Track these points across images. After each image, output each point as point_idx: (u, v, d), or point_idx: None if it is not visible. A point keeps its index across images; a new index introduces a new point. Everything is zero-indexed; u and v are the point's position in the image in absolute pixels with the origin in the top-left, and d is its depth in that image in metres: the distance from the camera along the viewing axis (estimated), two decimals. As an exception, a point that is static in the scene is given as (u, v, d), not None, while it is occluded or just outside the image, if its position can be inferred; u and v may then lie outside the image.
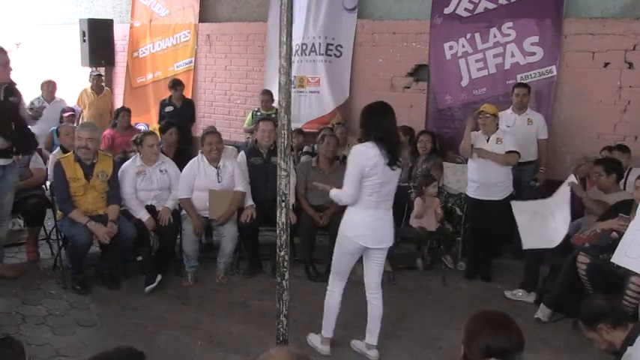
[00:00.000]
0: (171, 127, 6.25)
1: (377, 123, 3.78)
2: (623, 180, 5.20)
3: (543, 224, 4.90)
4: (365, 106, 3.96)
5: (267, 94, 7.73)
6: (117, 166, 5.24)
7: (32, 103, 7.86)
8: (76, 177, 4.95)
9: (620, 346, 2.92)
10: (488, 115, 5.30)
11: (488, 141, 5.36)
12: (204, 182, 5.38)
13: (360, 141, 3.87)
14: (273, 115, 6.90)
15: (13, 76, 5.02)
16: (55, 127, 7.19)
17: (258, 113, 7.68)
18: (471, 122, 5.38)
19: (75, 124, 7.18)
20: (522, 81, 6.37)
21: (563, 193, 4.92)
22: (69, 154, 5.12)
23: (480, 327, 2.13)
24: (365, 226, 3.85)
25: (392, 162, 3.74)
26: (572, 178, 4.98)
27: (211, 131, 5.62)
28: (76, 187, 4.95)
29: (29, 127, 5.17)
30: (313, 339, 4.17)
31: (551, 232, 4.81)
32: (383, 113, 3.84)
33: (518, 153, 5.38)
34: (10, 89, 4.88)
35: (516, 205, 5.16)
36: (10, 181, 5.00)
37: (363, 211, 3.82)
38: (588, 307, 3.11)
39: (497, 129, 5.40)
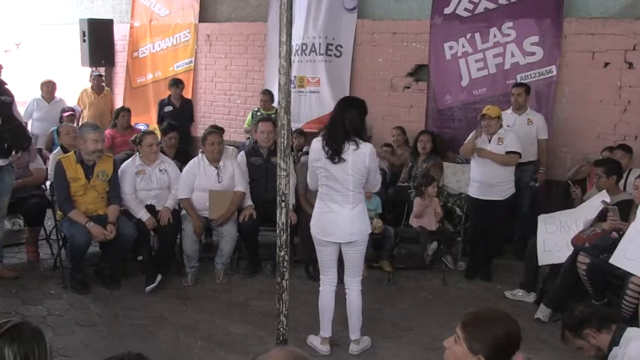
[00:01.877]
0: (171, 132, 6.23)
1: (329, 117, 3.98)
2: (623, 180, 5.19)
3: (564, 238, 4.86)
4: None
5: (267, 94, 7.73)
6: (117, 165, 5.24)
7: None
8: (76, 177, 4.95)
9: (607, 348, 2.95)
10: (492, 118, 5.30)
11: (490, 141, 5.36)
12: (204, 182, 5.38)
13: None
14: (273, 115, 6.90)
15: (12, 76, 5.01)
16: (55, 127, 7.20)
17: (258, 113, 7.68)
18: (478, 132, 5.37)
19: (75, 124, 7.19)
20: (522, 81, 6.37)
21: (593, 208, 4.84)
22: (70, 154, 5.11)
23: (495, 327, 2.09)
24: (316, 217, 3.99)
25: (332, 155, 3.80)
26: (605, 197, 4.82)
27: (213, 131, 5.62)
28: (76, 187, 4.95)
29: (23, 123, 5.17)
30: (313, 340, 4.17)
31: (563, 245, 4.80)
32: (336, 107, 3.95)
33: (519, 154, 5.39)
34: (2, 89, 4.87)
35: (543, 217, 5.11)
36: (7, 183, 4.99)
37: (317, 202, 4.00)
38: (571, 315, 3.16)
39: (500, 128, 5.40)
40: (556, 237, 4.95)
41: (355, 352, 4.08)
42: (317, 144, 3.90)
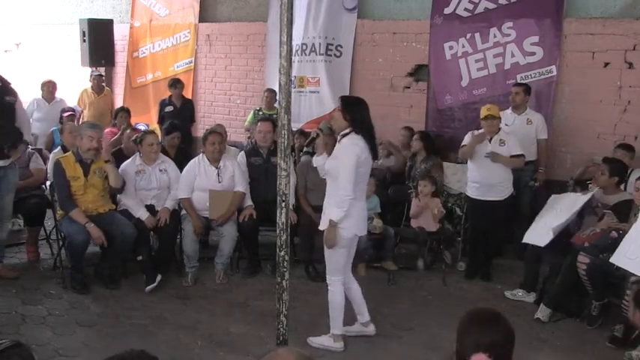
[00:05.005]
0: (175, 132, 6.23)
1: (363, 116, 3.94)
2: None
3: (550, 219, 4.95)
4: (345, 96, 4.06)
5: (272, 92, 7.68)
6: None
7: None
8: (76, 176, 4.95)
9: None
10: (495, 117, 5.31)
11: (490, 141, 5.37)
12: (204, 182, 5.38)
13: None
14: (275, 116, 6.88)
15: (12, 76, 5.01)
16: (56, 127, 7.19)
17: (260, 112, 7.65)
18: (480, 136, 5.38)
19: (75, 124, 7.17)
20: (522, 81, 6.37)
21: (580, 199, 4.89)
22: (68, 153, 5.12)
23: (469, 322, 2.17)
24: (356, 216, 3.98)
25: (374, 155, 4.03)
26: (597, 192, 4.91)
27: (213, 131, 5.62)
28: (76, 187, 4.95)
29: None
30: (322, 340, 4.13)
31: (547, 230, 4.85)
32: (365, 107, 3.97)
33: (524, 155, 5.44)
34: (6, 89, 4.86)
35: (552, 198, 5.23)
36: (11, 181, 5.01)
37: (355, 202, 3.93)
38: None
39: (500, 130, 5.41)
40: (545, 217, 5.07)
41: (373, 330, 4.29)
42: (362, 142, 3.89)
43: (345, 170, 3.83)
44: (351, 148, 3.85)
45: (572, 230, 4.97)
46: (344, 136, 3.93)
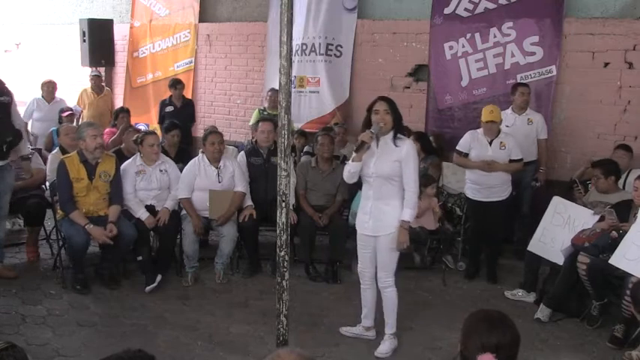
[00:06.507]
0: (175, 129, 6.24)
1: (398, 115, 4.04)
2: (622, 180, 5.20)
3: (564, 236, 4.86)
4: (385, 97, 4.05)
5: (276, 91, 7.60)
6: (119, 166, 5.22)
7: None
8: (79, 177, 4.94)
9: None
10: (496, 123, 5.31)
11: (491, 144, 5.35)
12: (204, 182, 5.38)
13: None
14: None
15: (12, 76, 5.01)
16: (55, 127, 7.20)
17: (265, 112, 7.63)
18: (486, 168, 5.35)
19: (75, 124, 7.18)
20: (522, 81, 6.37)
21: (592, 219, 4.82)
22: (73, 154, 5.09)
23: (475, 324, 2.18)
24: None
25: None
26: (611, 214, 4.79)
27: (213, 131, 5.62)
28: (79, 188, 4.94)
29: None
30: (388, 346, 4.13)
31: (559, 247, 4.81)
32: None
33: (522, 159, 5.45)
34: (1, 90, 4.86)
35: (556, 202, 5.12)
36: (8, 182, 5.00)
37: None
38: None
39: (499, 132, 5.40)
40: (557, 232, 4.96)
41: (373, 337, 4.32)
42: None
43: (415, 172, 3.97)
44: (415, 151, 4.01)
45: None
46: (395, 138, 3.94)
